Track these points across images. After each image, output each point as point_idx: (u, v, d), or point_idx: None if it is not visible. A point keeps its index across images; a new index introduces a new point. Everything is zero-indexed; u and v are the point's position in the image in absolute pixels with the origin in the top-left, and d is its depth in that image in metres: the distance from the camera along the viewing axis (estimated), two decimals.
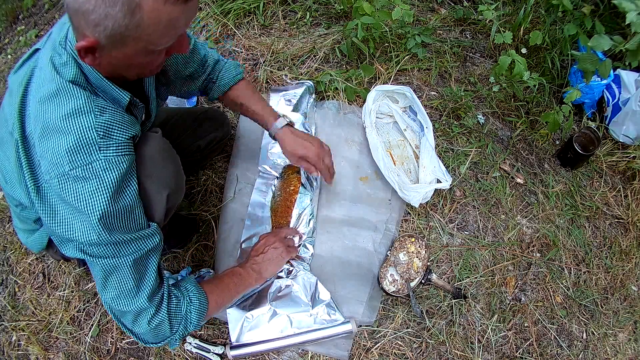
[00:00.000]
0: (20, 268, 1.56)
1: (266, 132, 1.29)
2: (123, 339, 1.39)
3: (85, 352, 1.39)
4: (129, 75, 0.84)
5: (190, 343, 1.34)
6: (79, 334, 1.42)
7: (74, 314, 1.44)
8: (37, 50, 0.89)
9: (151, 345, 0.94)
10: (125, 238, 0.81)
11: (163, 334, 0.92)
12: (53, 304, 1.47)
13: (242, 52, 1.80)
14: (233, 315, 1.29)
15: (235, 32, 1.84)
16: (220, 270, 1.36)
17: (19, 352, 1.44)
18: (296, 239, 1.38)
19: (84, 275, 1.49)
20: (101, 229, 0.78)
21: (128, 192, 0.81)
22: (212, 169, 1.58)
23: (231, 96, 1.26)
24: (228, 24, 1.85)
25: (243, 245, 1.40)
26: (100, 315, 1.42)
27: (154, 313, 0.89)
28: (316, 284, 1.33)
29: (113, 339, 1.39)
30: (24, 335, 1.45)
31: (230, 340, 1.28)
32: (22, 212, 0.99)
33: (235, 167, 1.53)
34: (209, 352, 1.32)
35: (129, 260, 0.83)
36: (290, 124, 1.25)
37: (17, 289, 1.54)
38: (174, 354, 1.35)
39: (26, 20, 2.59)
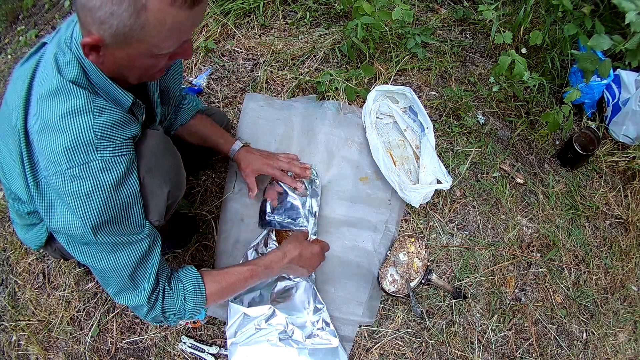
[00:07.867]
0: (20, 268, 1.56)
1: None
2: (123, 339, 1.39)
3: (85, 352, 1.39)
4: (131, 76, 0.84)
5: (184, 343, 1.34)
6: (79, 334, 1.42)
7: (74, 314, 1.44)
8: (44, 44, 0.89)
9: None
10: (119, 240, 0.83)
11: (160, 321, 1.00)
12: (53, 304, 1.47)
13: (242, 52, 1.80)
14: (233, 309, 1.30)
15: (235, 32, 1.84)
16: None
17: (19, 352, 1.44)
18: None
19: (83, 275, 1.49)
20: (96, 228, 0.80)
21: (126, 188, 0.82)
22: (212, 169, 1.58)
23: (192, 124, 1.33)
24: (228, 24, 1.85)
25: (259, 249, 1.38)
26: (100, 315, 1.42)
27: (148, 310, 0.94)
28: (315, 293, 1.33)
29: (113, 339, 1.40)
30: (24, 335, 1.45)
31: (225, 332, 1.30)
32: (19, 206, 1.00)
33: (235, 167, 1.53)
34: (203, 352, 1.33)
35: (128, 261, 0.86)
36: (246, 144, 1.39)
37: (17, 289, 1.54)
38: (174, 354, 1.35)
39: (26, 20, 2.60)
